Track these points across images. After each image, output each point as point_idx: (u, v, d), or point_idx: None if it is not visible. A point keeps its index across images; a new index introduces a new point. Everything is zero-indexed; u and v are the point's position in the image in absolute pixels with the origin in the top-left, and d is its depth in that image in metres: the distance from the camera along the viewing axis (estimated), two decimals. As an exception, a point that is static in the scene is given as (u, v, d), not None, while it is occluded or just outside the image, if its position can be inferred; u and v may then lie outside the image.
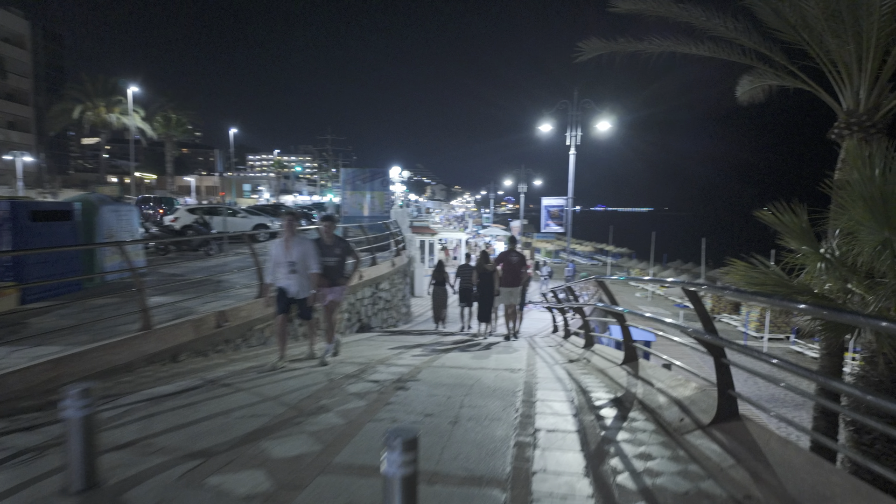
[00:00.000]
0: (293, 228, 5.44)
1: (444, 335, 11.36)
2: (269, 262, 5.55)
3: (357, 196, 15.58)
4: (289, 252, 5.37)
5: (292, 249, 5.38)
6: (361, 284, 10.32)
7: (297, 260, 5.37)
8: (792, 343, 24.30)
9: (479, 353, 7.36)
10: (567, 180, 18.71)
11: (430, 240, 37.19)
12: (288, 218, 5.51)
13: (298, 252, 5.39)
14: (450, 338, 10.35)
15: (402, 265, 13.24)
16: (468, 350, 8.04)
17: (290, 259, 5.36)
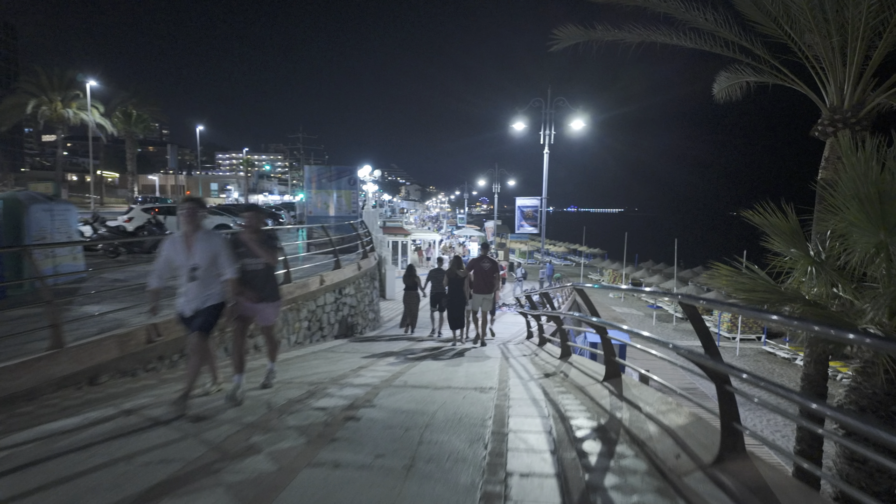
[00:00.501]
0: (195, 220, 4.00)
1: (414, 341, 10.79)
2: (159, 263, 4.07)
3: (323, 195, 14.82)
4: (190, 253, 3.95)
5: (195, 249, 3.95)
6: (323, 290, 9.62)
7: (201, 263, 3.95)
8: (763, 343, 24.46)
9: (448, 364, 6.76)
10: (541, 180, 18.33)
11: (404, 240, 36.50)
12: (189, 206, 4.01)
13: (204, 252, 3.96)
14: (420, 345, 9.76)
15: (370, 268, 12.56)
16: (439, 359, 7.47)
17: (192, 262, 3.94)
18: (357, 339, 9.90)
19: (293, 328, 8.54)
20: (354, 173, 14.87)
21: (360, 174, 34.35)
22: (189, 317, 4.06)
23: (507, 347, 9.56)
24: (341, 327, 10.66)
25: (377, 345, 9.48)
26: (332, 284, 9.94)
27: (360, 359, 7.12)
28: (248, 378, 4.54)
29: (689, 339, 25.43)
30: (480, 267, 9.33)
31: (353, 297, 10.97)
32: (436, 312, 11.34)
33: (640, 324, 28.63)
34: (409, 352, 8.49)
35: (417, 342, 10.80)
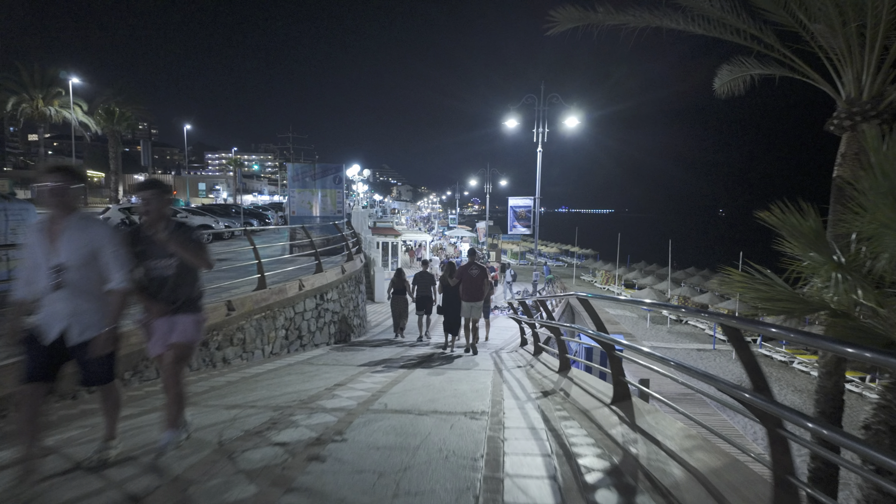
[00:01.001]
0: (65, 200, 2.72)
1: (401, 347, 10.19)
2: (24, 263, 2.83)
3: (306, 194, 14.14)
4: (54, 247, 2.72)
5: (62, 241, 2.72)
6: (303, 295, 8.96)
7: (70, 262, 2.72)
8: (759, 346, 24.08)
9: (436, 379, 6.13)
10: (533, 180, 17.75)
11: (394, 241, 35.85)
12: (55, 179, 2.68)
13: (76, 247, 2.73)
14: (407, 353, 9.16)
15: (355, 271, 11.91)
16: (427, 370, 6.87)
17: (57, 260, 2.70)
18: (338, 349, 9.25)
19: (268, 338, 7.87)
20: (340, 171, 14.20)
21: (349, 173, 33.63)
22: (50, 345, 2.72)
23: (500, 356, 8.95)
24: (340, 332, 9.99)
25: (361, 354, 8.85)
26: (312, 289, 9.28)
27: (340, 373, 6.48)
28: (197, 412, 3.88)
29: (686, 343, 25.01)
30: (468, 274, 9.22)
31: (336, 302, 10.32)
32: (424, 316, 11.29)
33: (634, 326, 28.20)
34: (393, 362, 7.86)
35: (405, 349, 10.19)
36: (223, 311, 6.80)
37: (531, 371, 6.98)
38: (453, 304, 9.44)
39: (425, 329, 11.38)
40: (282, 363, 7.28)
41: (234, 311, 7.01)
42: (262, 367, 6.91)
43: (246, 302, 7.30)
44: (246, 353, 7.33)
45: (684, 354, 22.79)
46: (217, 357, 6.69)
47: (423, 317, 11.31)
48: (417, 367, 7.37)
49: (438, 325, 14.91)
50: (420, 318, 11.31)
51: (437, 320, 14.38)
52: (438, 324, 14.80)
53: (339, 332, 10.44)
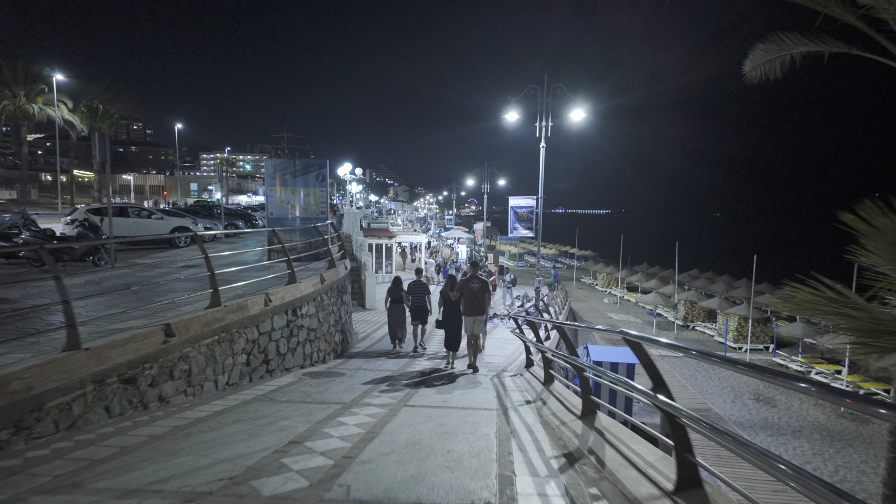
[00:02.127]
0: None
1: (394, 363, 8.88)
2: None
3: (287, 194, 12.76)
4: None
5: None
6: (270, 311, 7.58)
7: None
8: (773, 354, 22.79)
9: (427, 422, 4.77)
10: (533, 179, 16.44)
11: (388, 243, 34.49)
12: None
13: None
14: (401, 371, 7.84)
15: (338, 280, 10.54)
16: (419, 398, 5.51)
17: None
18: (312, 375, 7.87)
19: (223, 366, 6.50)
20: (324, 168, 12.82)
21: (341, 172, 32.22)
22: None
23: (504, 383, 7.59)
24: (318, 352, 8.61)
25: (338, 382, 7.49)
26: (282, 304, 7.90)
27: (303, 417, 5.12)
28: None
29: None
30: (469, 288, 8.91)
31: (312, 317, 8.94)
32: (419, 326, 11.15)
33: (640, 331, 26.77)
34: (376, 391, 6.52)
35: (396, 368, 8.86)
36: (158, 337, 5.43)
37: (543, 411, 5.62)
38: (454, 319, 9.21)
39: (420, 339, 11.22)
40: (235, 400, 5.90)
41: (175, 337, 5.63)
42: (210, 406, 5.54)
43: (192, 324, 5.93)
44: (192, 386, 5.95)
45: (694, 363, 21.50)
46: (150, 396, 5.31)
47: (417, 327, 11.14)
48: (405, 402, 6.02)
49: (434, 335, 13.79)
50: (415, 329, 11.14)
51: (433, 330, 13.34)
52: (434, 333, 13.70)
53: (316, 353, 9.07)
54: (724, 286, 33.75)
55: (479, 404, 5.96)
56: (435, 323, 10.38)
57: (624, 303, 35.22)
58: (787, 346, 23.58)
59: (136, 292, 8.11)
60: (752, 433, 14.68)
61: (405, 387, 7.07)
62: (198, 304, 6.74)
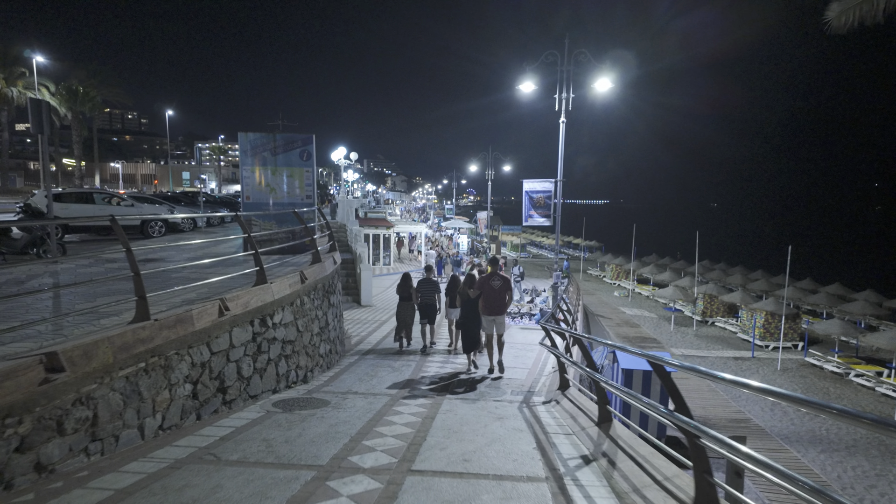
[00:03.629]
0: None
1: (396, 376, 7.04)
2: None
3: (265, 174, 10.83)
4: None
5: None
6: (227, 323, 5.70)
7: None
8: (804, 353, 21.00)
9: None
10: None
11: (387, 233, 32.60)
12: None
13: None
14: (404, 389, 5.96)
15: (324, 277, 8.63)
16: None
17: None
18: (286, 405, 5.98)
19: (153, 405, 4.62)
20: (309, 145, 10.88)
21: (335, 157, 30.19)
22: None
23: (539, 418, 5.73)
24: (297, 369, 6.70)
25: (317, 419, 5.64)
26: (245, 312, 6.01)
27: (255, 495, 3.26)
28: None
29: (718, 350, 21.83)
30: (490, 286, 8.34)
31: (289, 326, 7.05)
32: (428, 325, 10.77)
33: (657, 329, 25.07)
34: (367, 439, 4.67)
35: (399, 382, 7.02)
36: (34, 374, 3.56)
37: (616, 480, 3.76)
38: (473, 319, 8.65)
39: (429, 338, 10.82)
40: (162, 460, 4.02)
41: (65, 372, 3.75)
42: (115, 476, 3.67)
43: (97, 350, 4.04)
44: (99, 440, 4.09)
45: (720, 364, 19.72)
46: (17, 467, 3.44)
47: (426, 326, 10.76)
48: (409, 463, 4.17)
49: (442, 332, 12.49)
50: (423, 328, 10.78)
51: (440, 327, 12.48)
52: (442, 331, 12.52)
53: (294, 371, 7.18)
54: (741, 278, 31.92)
55: (517, 467, 4.09)
56: (455, 323, 10.26)
57: (635, 296, 33.40)
58: (815, 344, 21.81)
59: (55, 297, 6.22)
60: (800, 449, 12.90)
61: (407, 426, 5.20)
62: (126, 315, 4.88)
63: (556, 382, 7.70)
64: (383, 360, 9.61)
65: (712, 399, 15.52)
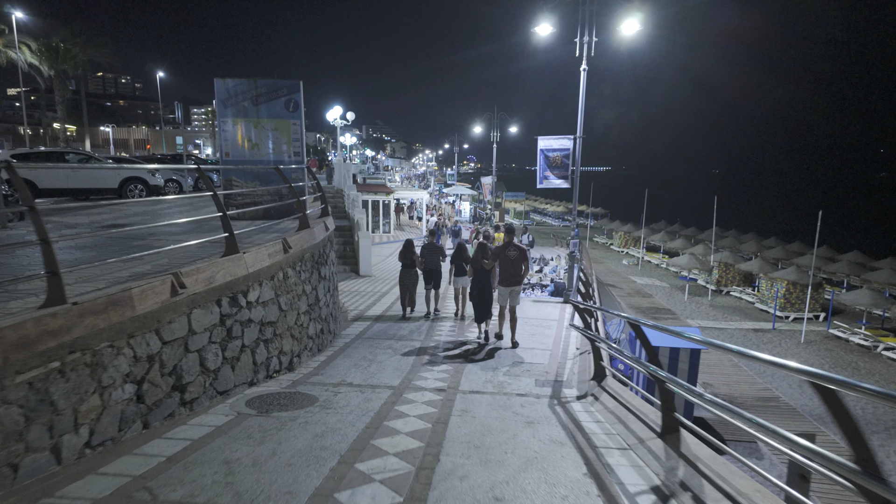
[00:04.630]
0: None
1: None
2: None
3: (247, 128, 9.45)
4: None
5: None
6: (182, 304, 4.48)
7: None
8: (828, 326, 19.95)
9: None
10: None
11: (386, 199, 31.25)
12: None
13: None
14: (411, 373, 4.83)
15: (313, 245, 7.38)
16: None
17: None
18: (263, 403, 4.82)
19: (74, 416, 3.46)
20: (296, 93, 9.47)
21: (330, 117, 28.51)
22: None
23: (577, 421, 4.58)
24: (281, 355, 5.49)
25: (298, 426, 4.50)
26: (208, 290, 4.79)
27: None
28: None
29: (736, 321, 20.76)
30: (506, 256, 8.09)
31: (269, 304, 5.84)
32: (433, 291, 10.47)
33: (670, 299, 23.98)
34: (365, 454, 3.53)
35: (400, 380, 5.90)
36: None
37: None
38: (485, 289, 8.41)
39: (433, 305, 10.49)
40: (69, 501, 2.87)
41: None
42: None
43: (-27, 350, 2.82)
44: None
45: (740, 337, 18.68)
46: None
47: (430, 291, 10.46)
48: (420, 501, 3.02)
49: (447, 299, 11.99)
50: (428, 293, 10.46)
51: (445, 294, 12.12)
52: (447, 297, 12.04)
53: (277, 357, 6.01)
54: (756, 245, 30.68)
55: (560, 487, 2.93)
56: (463, 293, 10.05)
57: (644, 264, 32.23)
58: (835, 315, 20.71)
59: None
60: (835, 430, 11.90)
61: (413, 436, 4.05)
62: (32, 300, 3.65)
63: (586, 369, 6.55)
64: (384, 339, 8.46)
65: (736, 375, 14.52)
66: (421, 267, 10.43)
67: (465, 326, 9.63)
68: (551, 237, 35.65)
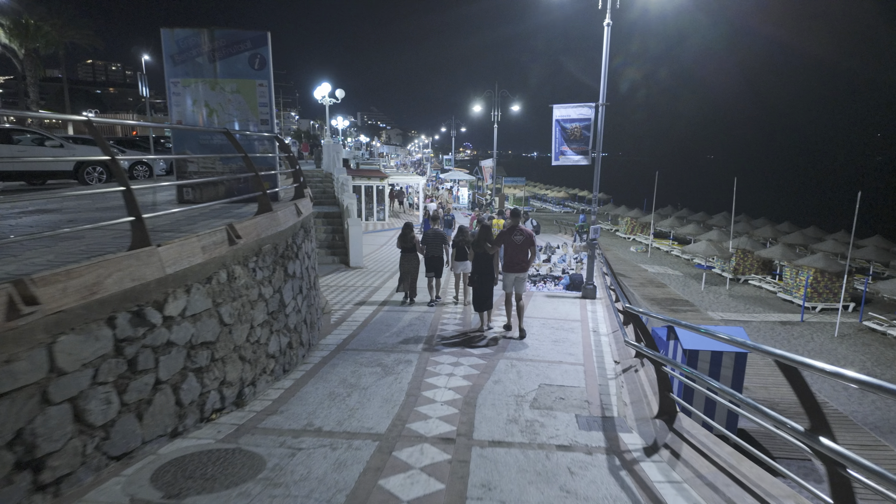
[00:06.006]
0: None
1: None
2: None
3: (201, 90, 7.67)
4: None
5: None
6: (35, 329, 2.75)
7: None
8: (859, 316, 18.38)
9: None
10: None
11: (380, 185, 29.48)
12: None
13: None
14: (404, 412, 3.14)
15: (275, 235, 5.63)
16: None
17: None
18: (176, 478, 3.17)
19: None
20: (262, 47, 7.68)
21: (318, 95, 26.53)
22: None
23: (662, 501, 2.91)
24: (222, 389, 3.81)
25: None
26: (89, 304, 3.09)
27: None
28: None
29: (761, 313, 19.13)
30: (512, 241, 7.59)
31: (204, 317, 4.12)
32: (434, 279, 10.09)
33: (685, 288, 22.37)
34: None
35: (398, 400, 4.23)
36: None
37: None
38: (487, 274, 7.87)
39: (435, 293, 10.11)
40: None
41: None
42: None
43: None
44: None
45: (767, 330, 17.10)
46: None
47: (432, 280, 10.08)
48: None
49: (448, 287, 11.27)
50: (430, 281, 10.10)
51: (447, 284, 11.43)
52: (449, 285, 11.33)
53: (216, 393, 4.30)
54: (771, 231, 29.05)
55: None
56: (464, 279, 9.63)
57: (653, 251, 30.57)
58: (866, 305, 19.13)
59: None
60: (893, 441, 10.35)
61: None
62: None
63: (639, 396, 4.89)
64: (372, 350, 6.78)
65: (772, 375, 12.93)
66: (422, 253, 10.03)
67: (466, 320, 8.65)
68: (554, 223, 33.96)
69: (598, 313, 9.64)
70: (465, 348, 6.95)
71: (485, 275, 7.83)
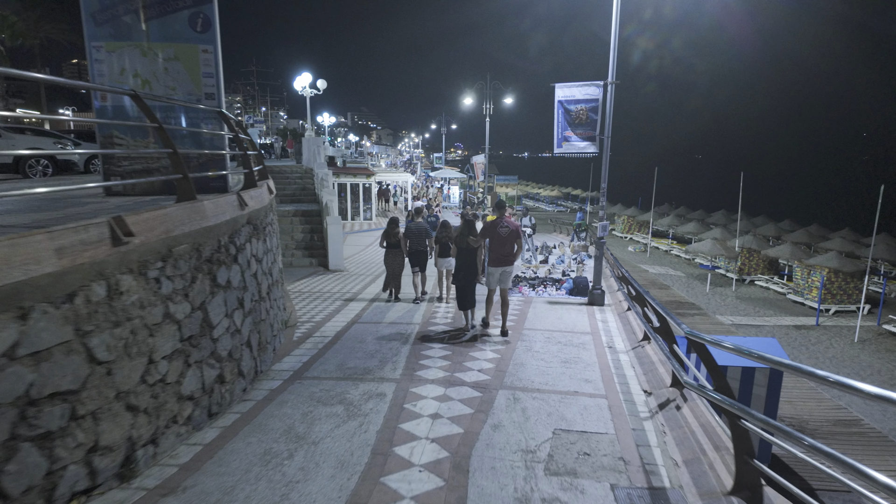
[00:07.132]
0: None
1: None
2: None
3: (130, 57, 6.25)
4: None
5: None
6: None
7: None
8: (877, 320, 17.24)
9: None
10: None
11: (367, 182, 28.12)
12: None
13: None
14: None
15: (199, 231, 4.24)
16: None
17: None
18: None
19: None
20: (206, 4, 6.27)
21: (298, 86, 25.03)
22: None
23: None
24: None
25: None
26: None
27: None
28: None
29: (774, 316, 17.93)
30: (497, 233, 7.25)
31: (56, 354, 2.72)
32: (419, 274, 9.80)
33: (689, 290, 21.15)
34: None
35: (359, 462, 2.77)
36: None
37: None
38: (471, 270, 7.42)
39: (421, 288, 9.83)
40: None
41: None
42: None
43: None
44: None
45: (782, 335, 15.88)
46: None
47: (417, 275, 9.81)
48: None
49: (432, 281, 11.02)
50: (415, 277, 9.82)
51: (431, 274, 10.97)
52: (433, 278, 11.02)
53: (80, 464, 2.89)
54: (774, 229, 27.97)
55: None
56: (451, 279, 8.77)
57: (653, 250, 29.37)
58: (876, 307, 17.99)
59: None
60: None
61: None
62: None
63: (689, 446, 3.55)
64: (338, 378, 5.37)
65: (797, 389, 11.67)
66: (406, 247, 9.81)
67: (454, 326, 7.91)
68: (549, 222, 32.72)
69: (610, 323, 8.31)
70: (454, 374, 5.57)
71: (469, 271, 7.51)
